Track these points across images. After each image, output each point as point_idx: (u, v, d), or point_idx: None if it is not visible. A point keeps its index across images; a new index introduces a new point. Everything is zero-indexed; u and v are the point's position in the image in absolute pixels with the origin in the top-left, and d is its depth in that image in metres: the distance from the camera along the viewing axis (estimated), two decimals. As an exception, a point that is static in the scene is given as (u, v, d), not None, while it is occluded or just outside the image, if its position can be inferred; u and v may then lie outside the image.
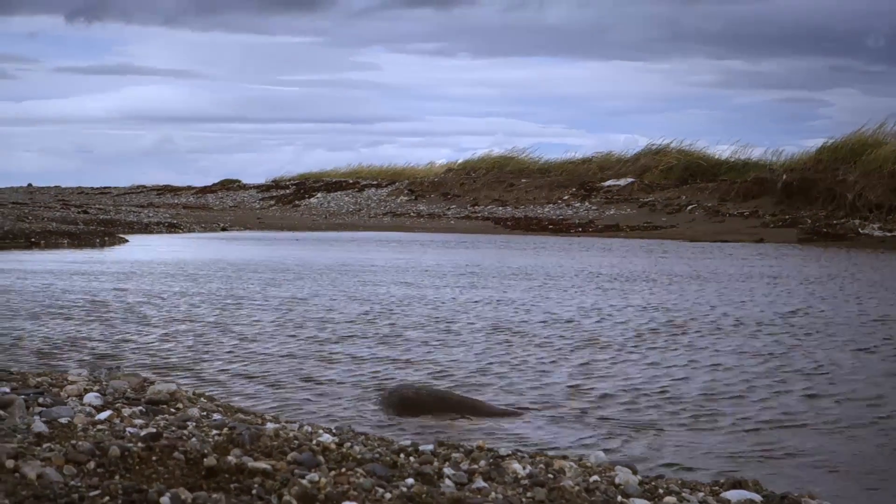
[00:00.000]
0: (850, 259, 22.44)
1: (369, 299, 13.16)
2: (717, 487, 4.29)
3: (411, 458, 4.01)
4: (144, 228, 33.58)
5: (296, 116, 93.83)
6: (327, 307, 12.27)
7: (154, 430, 3.97)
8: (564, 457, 4.42)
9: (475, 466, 4.01)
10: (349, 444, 4.13)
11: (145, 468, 3.44)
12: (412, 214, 43.58)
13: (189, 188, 57.15)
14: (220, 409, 5.54)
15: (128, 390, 5.53)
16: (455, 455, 4.13)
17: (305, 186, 52.07)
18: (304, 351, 9.13)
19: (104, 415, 4.54)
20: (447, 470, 3.90)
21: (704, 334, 10.36)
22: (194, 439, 3.88)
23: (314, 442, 4.09)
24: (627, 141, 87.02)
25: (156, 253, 22.70)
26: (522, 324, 10.96)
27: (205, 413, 5.03)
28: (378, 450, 4.08)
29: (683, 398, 7.23)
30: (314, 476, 3.60)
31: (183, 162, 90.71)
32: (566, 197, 43.12)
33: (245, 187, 54.98)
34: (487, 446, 4.32)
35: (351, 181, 52.25)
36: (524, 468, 4.05)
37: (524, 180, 45.96)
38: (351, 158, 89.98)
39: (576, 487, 3.89)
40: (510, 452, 4.26)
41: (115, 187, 60.98)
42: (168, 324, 10.61)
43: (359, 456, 3.91)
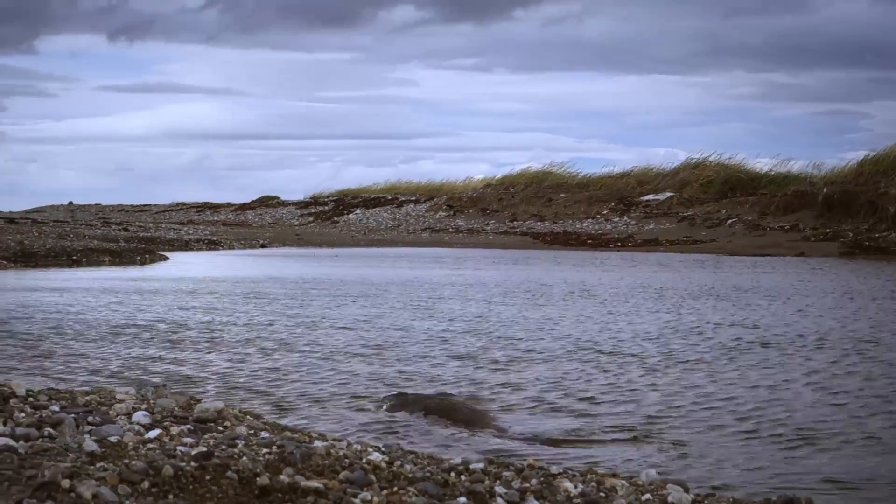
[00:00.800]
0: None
1: (444, 317, 12.91)
2: (771, 506, 4.26)
3: (462, 477, 3.99)
4: (185, 246, 33.70)
5: (334, 133, 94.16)
6: (402, 325, 12.02)
7: (205, 449, 3.97)
8: (615, 474, 4.40)
9: (527, 485, 3.99)
10: (399, 463, 4.12)
11: (199, 487, 3.43)
12: (451, 230, 43.59)
13: (228, 205, 57.41)
14: (267, 427, 5.54)
15: (175, 408, 5.54)
16: (506, 473, 4.11)
17: (344, 203, 52.19)
18: (389, 369, 8.92)
19: (154, 433, 4.54)
20: (499, 489, 3.88)
21: (791, 352, 10.06)
22: (245, 458, 3.87)
23: (364, 460, 4.08)
24: (666, 155, 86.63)
25: (198, 270, 22.74)
26: (606, 342, 10.68)
27: (252, 431, 5.02)
28: (428, 468, 4.07)
29: (754, 415, 7.07)
30: (366, 495, 3.59)
31: (222, 179, 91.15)
32: (605, 211, 43.01)
33: (284, 204, 55.17)
34: (538, 465, 4.29)
35: (389, 197, 52.33)
36: (576, 486, 4.03)
37: (563, 195, 45.89)
38: (389, 174, 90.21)
39: (629, 506, 3.86)
40: (561, 471, 4.24)
41: (155, 205, 61.36)
42: (227, 344, 10.46)
43: (410, 475, 3.89)
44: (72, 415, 4.66)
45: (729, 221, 37.59)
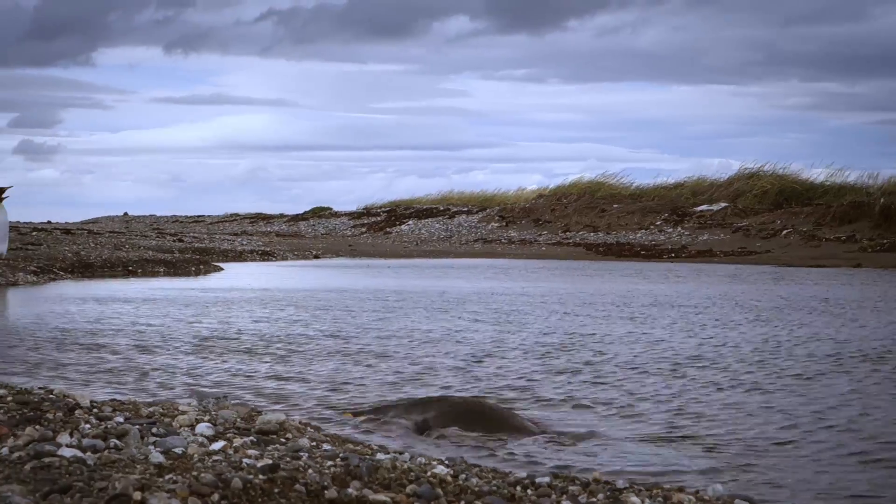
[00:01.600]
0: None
1: (534, 330, 12.65)
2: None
3: (528, 491, 3.97)
4: (238, 256, 33.86)
5: (387, 144, 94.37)
6: (495, 338, 11.74)
7: (270, 462, 3.97)
8: (681, 489, 4.35)
9: (593, 500, 3.95)
10: (464, 477, 4.09)
11: (267, 500, 3.43)
12: (503, 241, 43.55)
13: (281, 216, 57.69)
14: (328, 440, 5.54)
15: (237, 420, 5.55)
16: (572, 488, 4.07)
17: (396, 213, 52.30)
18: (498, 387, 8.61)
19: (217, 445, 4.55)
20: (566, 503, 3.86)
21: (886, 367, 9.69)
22: (311, 471, 3.87)
23: (429, 474, 4.06)
24: (720, 165, 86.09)
25: (254, 281, 22.82)
26: (702, 357, 10.36)
27: (314, 443, 5.02)
28: (494, 482, 4.04)
29: (837, 432, 6.85)
30: (434, 509, 3.58)
31: (275, 190, 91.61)
32: (658, 222, 42.84)
33: (336, 215, 55.36)
34: (604, 479, 4.26)
35: (441, 208, 52.38)
36: (643, 501, 3.99)
37: (616, 206, 45.74)
38: (442, 185, 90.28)
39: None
40: (627, 485, 4.20)
41: (209, 215, 61.76)
42: (318, 355, 10.28)
43: (476, 489, 3.87)
44: (136, 426, 4.68)
45: (784, 232, 37.33)
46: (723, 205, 42.81)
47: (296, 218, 55.86)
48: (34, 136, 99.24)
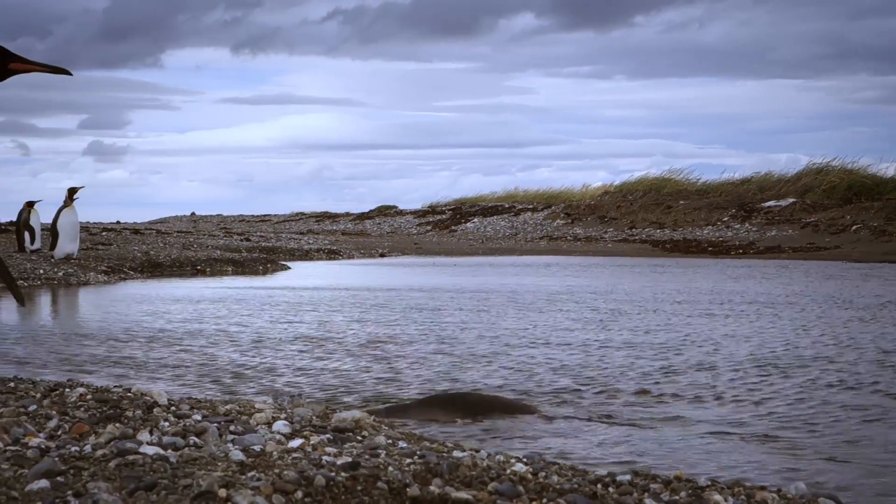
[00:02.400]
0: None
1: (634, 329, 12.42)
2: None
3: (610, 489, 3.93)
4: (305, 255, 34.03)
5: (451, 142, 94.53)
6: (600, 339, 11.39)
7: (350, 460, 3.96)
8: (763, 487, 4.29)
9: (676, 497, 3.91)
10: (544, 474, 4.07)
11: (350, 498, 3.42)
12: (569, 238, 43.44)
13: (347, 214, 57.94)
14: (404, 437, 5.53)
15: (313, 418, 5.56)
16: (654, 486, 4.03)
17: (461, 211, 52.32)
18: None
19: (296, 443, 4.55)
20: (648, 501, 3.81)
21: None
22: (391, 468, 3.86)
23: (509, 471, 4.04)
24: (788, 160, 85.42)
25: (324, 279, 22.87)
26: (820, 357, 10.04)
27: (390, 441, 5.01)
28: (575, 480, 4.01)
29: None
30: (516, 507, 3.55)
31: (341, 189, 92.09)
32: (725, 218, 42.53)
33: (402, 213, 55.49)
34: (685, 476, 4.21)
35: (507, 205, 52.34)
36: (726, 500, 3.94)
37: (682, 202, 45.46)
38: (506, 182, 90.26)
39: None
40: (709, 483, 4.15)
41: (275, 214, 62.14)
42: (416, 356, 10.04)
43: (557, 486, 3.84)
44: (214, 424, 4.70)
45: (853, 227, 36.90)
46: (791, 200, 42.42)
47: (361, 216, 56.06)
48: (103, 138, 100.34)
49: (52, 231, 23.57)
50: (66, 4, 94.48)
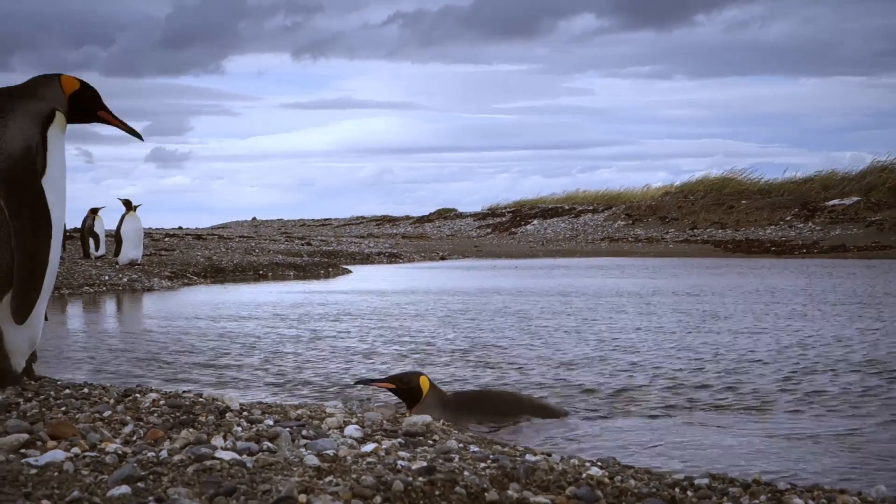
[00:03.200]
0: None
1: (739, 330, 12.17)
2: None
3: (689, 493, 3.88)
4: (366, 259, 34.09)
5: (511, 144, 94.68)
6: (712, 342, 11.09)
7: (425, 464, 3.95)
8: (842, 491, 4.23)
9: (755, 501, 3.86)
10: (620, 478, 4.03)
11: (428, 503, 3.41)
12: (630, 239, 43.24)
13: (407, 218, 58.07)
14: (475, 440, 5.51)
15: (384, 422, 5.55)
16: (732, 489, 3.98)
17: (521, 213, 52.28)
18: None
19: (368, 447, 4.54)
20: (728, 505, 3.77)
21: None
22: (467, 472, 3.84)
23: (585, 475, 4.01)
24: (852, 158, 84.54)
25: (388, 283, 22.85)
26: None
27: (461, 445, 4.99)
28: (652, 484, 3.97)
29: None
30: (595, 512, 3.52)
31: (400, 192, 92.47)
32: (788, 218, 42.16)
33: (461, 216, 55.53)
34: (765, 480, 4.16)
35: (566, 207, 52.23)
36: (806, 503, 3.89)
37: (744, 202, 45.12)
38: (566, 184, 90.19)
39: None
40: (789, 486, 4.09)
41: (335, 218, 62.43)
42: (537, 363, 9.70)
43: (635, 490, 3.80)
44: (286, 429, 4.70)
45: (920, 226, 36.46)
46: (855, 199, 41.96)
47: (421, 219, 56.16)
48: (165, 144, 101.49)
49: (117, 237, 23.79)
50: (129, 12, 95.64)
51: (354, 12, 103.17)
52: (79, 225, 26.42)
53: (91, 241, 25.87)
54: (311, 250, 33.97)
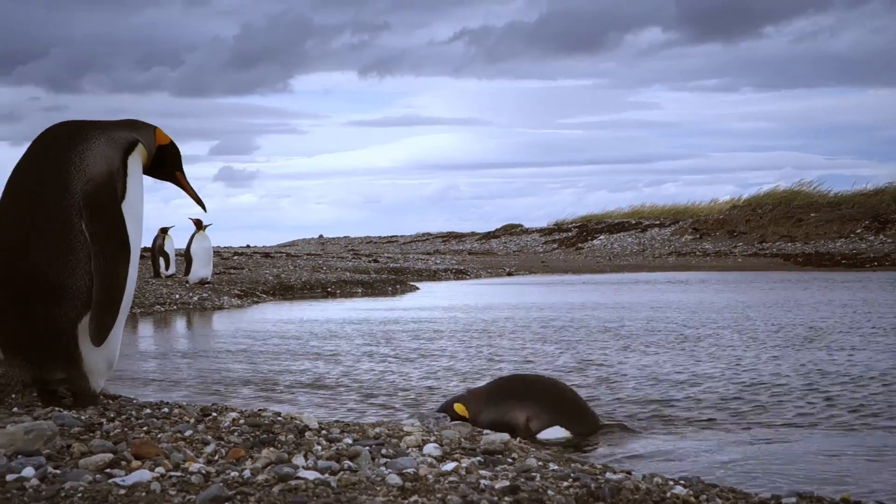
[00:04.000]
0: None
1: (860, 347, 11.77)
2: None
3: (776, 512, 3.84)
4: (433, 276, 34.12)
5: (577, 159, 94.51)
6: (817, 360, 10.69)
7: (508, 483, 3.93)
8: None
9: (845, 521, 3.81)
10: (705, 496, 3.99)
11: (515, 523, 3.38)
12: (697, 253, 42.94)
13: (473, 234, 58.07)
14: (553, 458, 5.48)
15: (462, 440, 5.52)
16: (821, 509, 3.94)
17: (587, 228, 52.10)
18: None
19: (448, 466, 4.52)
20: (817, 525, 3.72)
21: None
22: (550, 491, 3.81)
23: (669, 494, 3.97)
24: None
25: (459, 300, 22.74)
26: None
27: (541, 462, 4.96)
28: (739, 503, 3.93)
29: None
30: (683, 531, 3.48)
31: (466, 208, 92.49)
32: (858, 230, 41.68)
33: (527, 231, 55.44)
34: (854, 499, 4.10)
35: (633, 221, 51.98)
36: (897, 522, 3.83)
37: (813, 215, 44.66)
38: (633, 198, 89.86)
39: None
40: (878, 505, 4.04)
41: (402, 235, 62.55)
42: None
43: (722, 510, 3.76)
44: (366, 447, 4.70)
45: None
46: (927, 211, 41.44)
47: (487, 235, 56.13)
48: (233, 163, 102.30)
49: (186, 256, 24.00)
50: (197, 33, 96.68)
51: (420, 30, 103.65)
52: (149, 244, 26.67)
53: (161, 261, 26.12)
54: (378, 267, 34.06)
